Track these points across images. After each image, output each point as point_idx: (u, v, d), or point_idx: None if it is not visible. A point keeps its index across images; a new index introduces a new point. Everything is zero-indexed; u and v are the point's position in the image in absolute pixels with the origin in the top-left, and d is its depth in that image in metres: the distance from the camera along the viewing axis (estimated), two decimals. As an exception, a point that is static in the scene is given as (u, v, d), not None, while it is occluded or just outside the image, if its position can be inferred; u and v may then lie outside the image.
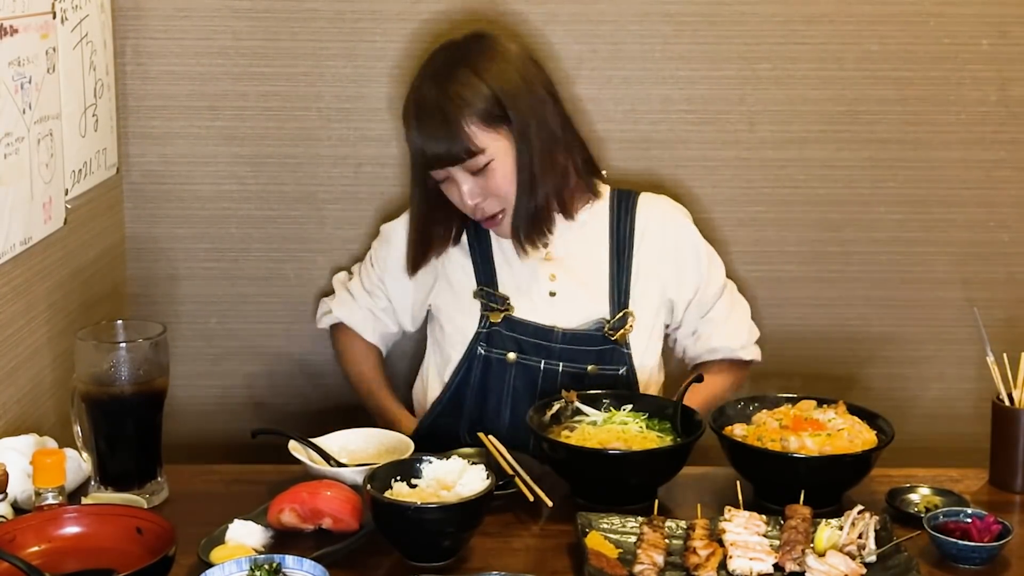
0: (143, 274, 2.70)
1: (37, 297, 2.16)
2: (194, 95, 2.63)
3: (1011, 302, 2.73)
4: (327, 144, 2.66)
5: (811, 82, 2.65)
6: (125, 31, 2.58)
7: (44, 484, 1.75)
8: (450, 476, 1.80)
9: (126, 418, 1.90)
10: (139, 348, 1.88)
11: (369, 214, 2.69)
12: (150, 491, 1.92)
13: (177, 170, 2.66)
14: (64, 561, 1.66)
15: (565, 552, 1.79)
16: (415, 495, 1.77)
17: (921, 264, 2.74)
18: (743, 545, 1.73)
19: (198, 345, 2.73)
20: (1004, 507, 1.95)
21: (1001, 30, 2.63)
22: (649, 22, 2.61)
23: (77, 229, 2.33)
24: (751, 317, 2.50)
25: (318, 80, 2.63)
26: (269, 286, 2.72)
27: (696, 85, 2.63)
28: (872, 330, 2.77)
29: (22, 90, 2.04)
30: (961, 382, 2.76)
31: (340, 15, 2.60)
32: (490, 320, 2.30)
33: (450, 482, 1.78)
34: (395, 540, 1.74)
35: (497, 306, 2.30)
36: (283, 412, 2.74)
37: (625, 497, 1.92)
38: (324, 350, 2.73)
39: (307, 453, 2.01)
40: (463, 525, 1.74)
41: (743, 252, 2.70)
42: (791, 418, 1.99)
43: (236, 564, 1.60)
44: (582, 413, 2.08)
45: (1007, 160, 2.69)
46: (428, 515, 1.70)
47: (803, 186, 2.70)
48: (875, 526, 1.77)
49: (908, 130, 2.67)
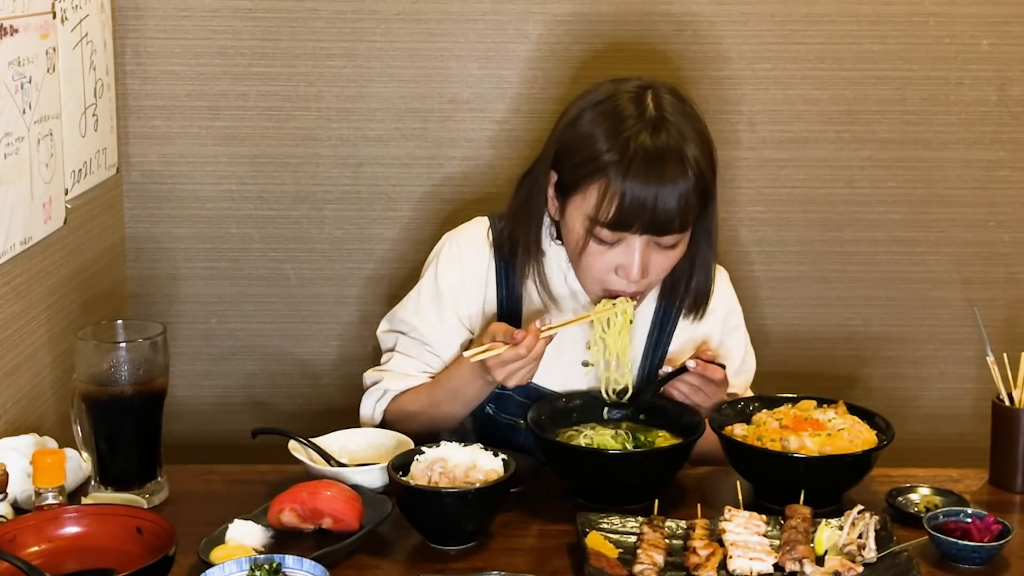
0: (143, 274, 2.70)
1: (37, 297, 2.16)
2: (194, 95, 2.63)
3: (1011, 302, 2.74)
4: (327, 144, 2.66)
5: (811, 82, 2.65)
6: (125, 31, 2.58)
7: (44, 484, 1.75)
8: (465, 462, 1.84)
9: (126, 418, 1.90)
10: (139, 348, 1.88)
11: (369, 214, 2.69)
12: (150, 491, 1.92)
13: (177, 170, 2.66)
14: (64, 561, 1.65)
15: (565, 552, 1.79)
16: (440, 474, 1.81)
17: (921, 264, 2.74)
18: (743, 545, 1.73)
19: (198, 345, 2.73)
20: (1004, 507, 1.95)
21: (1001, 30, 2.64)
22: (649, 22, 2.61)
23: (77, 229, 2.33)
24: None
25: (318, 80, 2.63)
26: (269, 286, 2.72)
27: (697, 85, 2.63)
28: (872, 330, 2.77)
29: (22, 90, 2.04)
30: (961, 382, 2.77)
31: (340, 15, 2.60)
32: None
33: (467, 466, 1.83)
34: (418, 524, 1.80)
35: None
36: (283, 412, 2.74)
37: (625, 497, 1.92)
38: (324, 350, 2.73)
39: (307, 453, 2.01)
40: (485, 509, 1.80)
41: (743, 252, 2.70)
42: (791, 418, 1.99)
43: (236, 564, 1.60)
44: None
45: (1007, 160, 2.70)
46: (450, 499, 1.75)
47: (803, 186, 2.70)
48: (875, 526, 1.77)
49: (908, 130, 2.68)
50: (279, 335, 2.75)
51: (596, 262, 2.01)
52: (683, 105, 2.02)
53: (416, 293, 2.19)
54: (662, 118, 1.96)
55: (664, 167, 1.93)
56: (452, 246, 2.17)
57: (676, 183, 1.93)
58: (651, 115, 1.96)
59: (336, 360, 2.73)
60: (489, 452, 1.85)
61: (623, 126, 1.95)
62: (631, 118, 1.96)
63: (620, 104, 1.98)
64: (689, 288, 2.12)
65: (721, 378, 2.05)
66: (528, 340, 1.94)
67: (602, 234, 1.97)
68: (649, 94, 2.00)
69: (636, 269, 1.98)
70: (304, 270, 2.72)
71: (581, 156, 1.98)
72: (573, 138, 2.01)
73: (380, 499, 1.85)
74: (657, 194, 1.92)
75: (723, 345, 2.21)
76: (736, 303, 2.25)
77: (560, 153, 2.04)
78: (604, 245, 1.99)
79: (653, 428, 2.06)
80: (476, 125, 2.66)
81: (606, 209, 1.94)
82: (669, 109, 1.98)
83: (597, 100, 2.02)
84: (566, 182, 2.02)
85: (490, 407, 2.16)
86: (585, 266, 2.03)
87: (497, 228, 2.17)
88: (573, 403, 2.09)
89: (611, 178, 1.93)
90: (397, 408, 2.15)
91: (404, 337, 2.18)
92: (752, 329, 2.29)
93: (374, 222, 2.70)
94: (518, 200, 2.13)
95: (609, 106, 1.99)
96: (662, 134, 1.95)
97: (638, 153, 1.93)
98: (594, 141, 1.97)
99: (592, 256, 2.00)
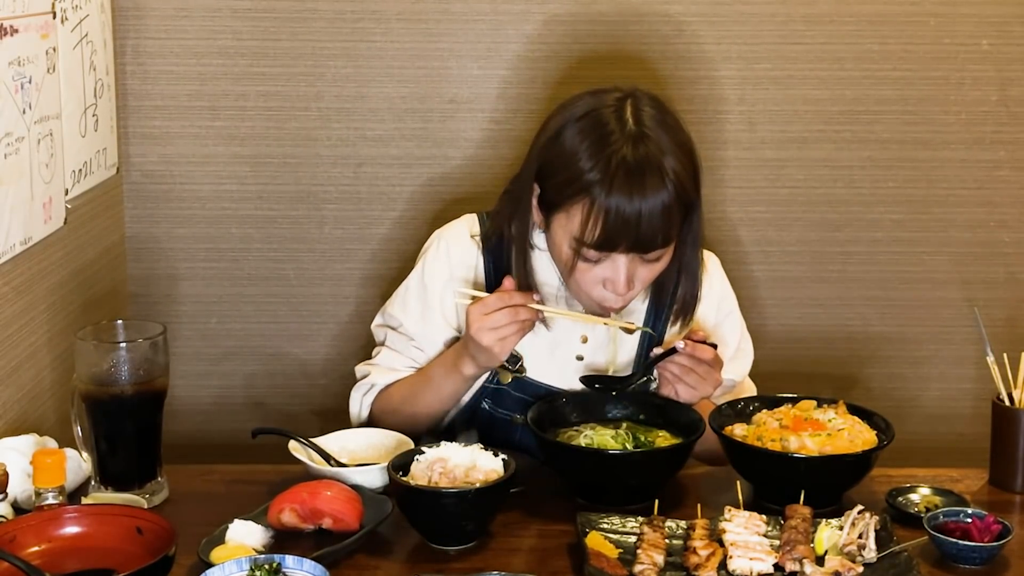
0: (143, 274, 2.70)
1: (37, 297, 2.16)
2: (194, 95, 2.63)
3: (1011, 302, 2.74)
4: (327, 144, 2.66)
5: (811, 82, 2.65)
6: (125, 31, 2.58)
7: (44, 484, 1.75)
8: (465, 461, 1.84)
9: (126, 418, 1.90)
10: (139, 348, 1.88)
11: (369, 214, 2.69)
12: (150, 491, 1.92)
13: (177, 170, 2.67)
14: (64, 561, 1.65)
15: (565, 552, 1.79)
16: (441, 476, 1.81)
17: (921, 264, 2.74)
18: (743, 545, 1.73)
19: (198, 345, 2.73)
20: (1004, 507, 1.95)
21: (1001, 30, 2.64)
22: (649, 22, 2.61)
23: (77, 229, 2.33)
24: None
25: (318, 80, 2.63)
26: (269, 286, 2.72)
27: (696, 85, 2.63)
28: (872, 330, 2.77)
29: (22, 90, 2.04)
30: (961, 382, 2.77)
31: (340, 15, 2.61)
32: (499, 379, 2.14)
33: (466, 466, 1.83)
34: (418, 524, 1.80)
35: (509, 367, 2.12)
36: (283, 412, 2.74)
37: (625, 497, 1.92)
38: (324, 350, 2.74)
39: (307, 453, 2.01)
40: (485, 509, 1.80)
41: (743, 252, 2.71)
42: (791, 418, 1.98)
43: (236, 564, 1.60)
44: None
45: (1007, 160, 2.70)
46: (450, 499, 1.75)
47: (803, 186, 2.70)
48: (875, 526, 1.77)
49: (908, 130, 2.68)
50: (279, 335, 2.75)
51: (584, 278, 2.02)
52: (663, 116, 2.00)
53: (404, 289, 2.20)
54: (641, 133, 1.95)
55: (645, 181, 1.92)
56: (440, 243, 2.18)
57: (657, 196, 1.92)
58: (631, 130, 1.95)
59: (336, 360, 2.73)
60: (489, 452, 1.85)
61: (605, 143, 1.94)
62: (613, 134, 1.94)
63: (601, 119, 1.97)
64: (676, 296, 2.13)
65: (711, 358, 2.05)
66: (518, 296, 1.99)
67: (588, 254, 1.97)
68: (629, 107, 1.98)
69: (623, 284, 1.99)
70: (304, 270, 2.72)
71: (564, 175, 1.97)
72: (555, 155, 2.00)
73: (380, 499, 1.85)
74: (640, 210, 1.92)
75: (718, 331, 2.21)
76: (729, 289, 2.25)
77: (543, 169, 2.03)
78: (590, 263, 2.00)
79: (653, 428, 2.06)
80: (476, 125, 2.66)
81: (591, 231, 1.94)
82: (648, 123, 1.97)
83: (578, 115, 2.00)
84: (549, 199, 2.02)
85: (487, 402, 2.16)
86: (574, 281, 2.04)
87: (485, 225, 2.18)
88: (573, 403, 2.09)
89: (595, 197, 1.93)
90: (382, 402, 2.17)
91: (392, 332, 2.20)
92: (752, 329, 2.29)
93: (374, 222, 2.70)
94: (504, 209, 2.13)
95: (590, 121, 1.98)
96: (641, 147, 1.93)
97: (620, 169, 1.92)
98: (576, 159, 1.96)
99: (580, 273, 2.01)
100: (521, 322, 1.98)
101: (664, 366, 2.07)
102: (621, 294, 2.01)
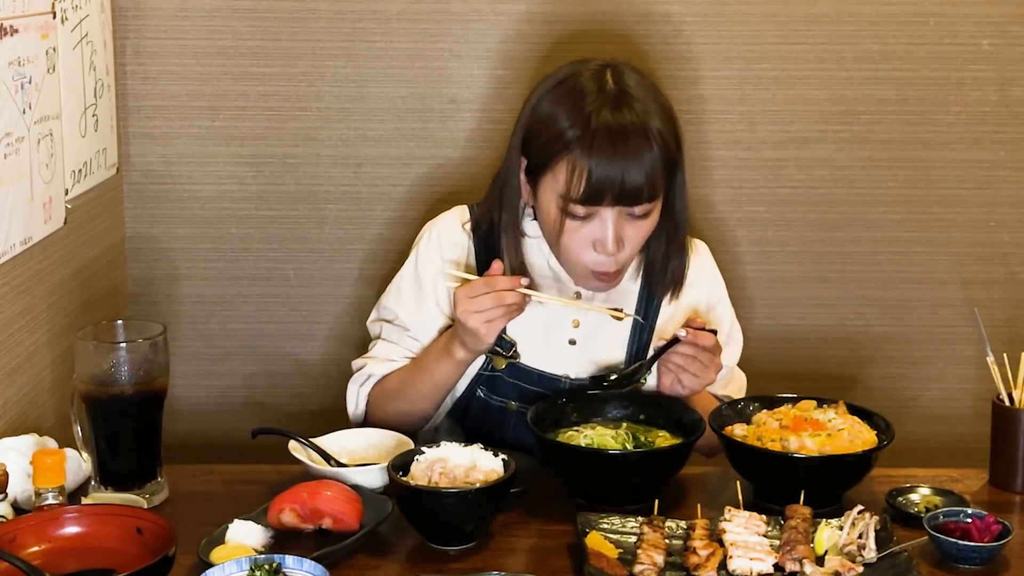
0: (143, 274, 2.70)
1: (37, 297, 2.16)
2: (194, 95, 2.63)
3: (1011, 302, 2.74)
4: (327, 144, 2.66)
5: (811, 82, 2.65)
6: (125, 31, 2.58)
7: (44, 484, 1.75)
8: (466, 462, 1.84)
9: (126, 418, 1.90)
10: (139, 348, 1.88)
11: (369, 214, 2.69)
12: (150, 491, 1.92)
13: (177, 170, 2.66)
14: (64, 561, 1.65)
15: (565, 552, 1.79)
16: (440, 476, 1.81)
17: (921, 264, 2.74)
18: (743, 545, 1.73)
19: (198, 345, 2.73)
20: (1004, 507, 1.95)
21: (1001, 30, 2.64)
22: (649, 22, 2.61)
23: (77, 229, 2.33)
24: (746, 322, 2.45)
25: (318, 80, 2.63)
26: (269, 286, 2.72)
27: (696, 85, 2.63)
28: (872, 330, 2.77)
29: (22, 90, 2.04)
30: (961, 382, 2.77)
31: (340, 15, 2.61)
32: (493, 365, 2.16)
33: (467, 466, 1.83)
34: (418, 524, 1.80)
35: (503, 352, 2.14)
36: (283, 412, 2.74)
37: (625, 497, 1.92)
38: (324, 350, 2.73)
39: (307, 453, 2.01)
40: (485, 509, 1.80)
41: (743, 252, 2.71)
42: (791, 418, 1.98)
43: (236, 564, 1.60)
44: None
45: (1007, 160, 2.70)
46: (450, 499, 1.75)
47: (803, 186, 2.70)
48: (875, 526, 1.77)
49: (908, 130, 2.68)
50: (279, 335, 2.75)
51: (573, 240, 2.02)
52: (644, 79, 2.04)
53: (398, 280, 2.22)
54: (623, 92, 1.98)
55: (628, 142, 1.95)
56: (431, 232, 2.20)
57: (641, 157, 1.95)
58: (611, 89, 1.98)
59: (336, 360, 2.73)
60: (489, 452, 1.85)
61: (584, 102, 1.97)
62: (591, 94, 1.98)
63: (580, 82, 2.01)
64: (667, 269, 2.15)
65: (713, 344, 2.07)
66: (504, 280, 1.98)
67: (575, 210, 1.98)
68: (609, 71, 2.02)
69: (611, 242, 2.00)
70: (304, 270, 2.72)
71: (545, 136, 2.01)
72: (537, 120, 2.04)
73: (380, 499, 1.85)
74: (624, 168, 1.94)
75: (711, 315, 2.23)
76: (718, 275, 2.27)
77: (526, 137, 2.06)
78: (578, 220, 2.00)
79: (653, 428, 2.06)
80: (476, 125, 2.66)
81: (576, 185, 1.96)
82: (631, 84, 2.00)
83: (557, 81, 2.04)
84: (535, 164, 2.04)
85: (481, 389, 2.17)
86: (564, 246, 2.05)
87: (475, 215, 2.19)
88: (573, 403, 2.09)
89: (576, 154, 1.96)
90: (379, 391, 2.18)
91: (388, 324, 2.21)
92: (752, 329, 2.29)
93: (374, 222, 2.70)
94: (493, 190, 2.15)
95: (569, 85, 2.02)
96: (624, 109, 1.96)
97: (601, 129, 1.94)
98: (556, 120, 1.99)
99: (569, 234, 2.02)
100: (507, 306, 1.98)
101: (668, 358, 2.07)
102: (612, 254, 2.01)
